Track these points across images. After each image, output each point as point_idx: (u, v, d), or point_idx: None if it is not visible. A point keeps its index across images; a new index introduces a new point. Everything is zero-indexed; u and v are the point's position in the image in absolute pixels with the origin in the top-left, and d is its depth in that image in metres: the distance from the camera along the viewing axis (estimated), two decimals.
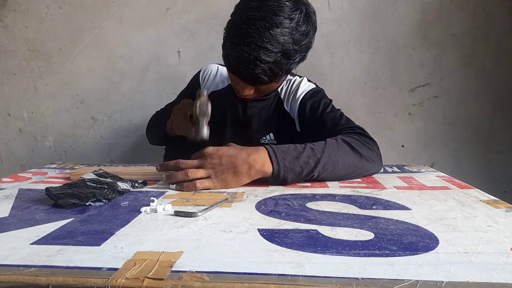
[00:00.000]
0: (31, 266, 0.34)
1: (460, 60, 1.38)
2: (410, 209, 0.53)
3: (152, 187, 0.68)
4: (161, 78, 1.48)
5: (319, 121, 0.88)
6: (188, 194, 0.62)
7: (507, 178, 1.43)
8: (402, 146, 1.47)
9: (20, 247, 0.39)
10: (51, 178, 0.77)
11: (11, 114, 1.60)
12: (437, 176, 0.75)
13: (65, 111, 1.57)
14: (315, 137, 0.77)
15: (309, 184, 0.69)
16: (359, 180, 0.72)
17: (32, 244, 0.40)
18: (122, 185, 0.64)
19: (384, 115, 1.45)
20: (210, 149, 0.67)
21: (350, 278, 0.31)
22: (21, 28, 1.51)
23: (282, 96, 0.97)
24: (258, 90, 0.82)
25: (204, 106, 0.74)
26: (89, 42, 1.50)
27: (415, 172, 0.80)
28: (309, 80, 1.00)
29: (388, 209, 0.53)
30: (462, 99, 1.41)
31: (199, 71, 1.08)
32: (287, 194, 0.61)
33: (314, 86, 0.98)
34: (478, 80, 1.38)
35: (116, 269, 0.33)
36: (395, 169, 0.83)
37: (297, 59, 0.77)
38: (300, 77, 1.01)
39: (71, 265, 0.34)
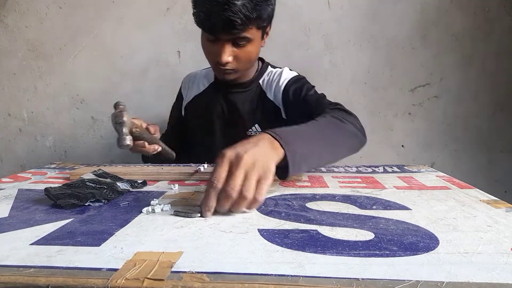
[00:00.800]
0: (30, 267, 0.34)
1: (460, 60, 1.38)
2: (410, 209, 0.52)
3: (152, 187, 0.68)
4: (161, 78, 1.48)
5: (303, 104, 0.90)
6: (188, 194, 0.62)
7: (507, 178, 1.43)
8: (402, 146, 1.47)
9: (20, 248, 0.39)
10: (50, 178, 0.77)
11: (11, 114, 1.60)
12: (437, 176, 0.75)
13: (65, 111, 1.57)
14: (299, 118, 0.76)
15: (309, 184, 0.69)
16: (359, 180, 0.72)
17: (31, 244, 0.40)
18: (122, 185, 0.64)
19: (384, 115, 1.45)
20: (229, 152, 0.54)
21: (350, 278, 0.31)
22: (21, 28, 1.51)
23: (264, 87, 1.00)
24: (236, 57, 0.84)
25: (119, 116, 0.72)
26: (89, 42, 1.50)
27: (415, 172, 0.80)
28: (290, 69, 1.03)
29: (388, 209, 0.52)
30: (462, 99, 1.41)
31: (181, 86, 1.14)
32: (287, 194, 0.61)
33: (296, 74, 1.01)
34: (478, 80, 1.38)
35: (116, 270, 0.33)
36: (395, 169, 0.83)
37: (264, 3, 0.79)
38: (280, 68, 1.04)
39: (71, 265, 0.34)
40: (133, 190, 0.66)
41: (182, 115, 1.10)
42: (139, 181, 0.68)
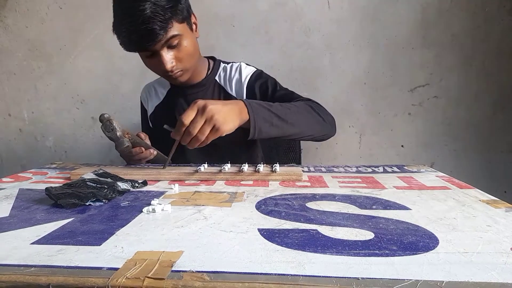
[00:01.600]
0: (31, 266, 0.34)
1: (460, 61, 1.38)
2: (410, 209, 0.53)
3: (152, 187, 0.68)
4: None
5: (275, 100, 0.91)
6: (188, 194, 0.62)
7: (507, 178, 1.43)
8: (402, 146, 1.47)
9: (21, 247, 0.39)
10: (51, 178, 0.77)
11: (12, 114, 1.60)
12: (436, 176, 0.75)
13: (65, 111, 1.57)
14: None
15: (309, 184, 0.69)
16: (359, 180, 0.72)
17: (32, 243, 0.40)
18: (122, 185, 0.65)
19: (384, 115, 1.45)
20: (200, 101, 0.69)
21: (350, 278, 0.32)
22: (21, 28, 1.52)
23: (222, 83, 1.01)
24: (177, 58, 0.86)
25: (108, 125, 0.80)
26: (89, 42, 1.50)
27: (415, 172, 0.80)
28: (247, 64, 1.05)
29: (388, 209, 0.53)
30: (462, 99, 1.41)
31: (140, 100, 1.15)
32: (287, 194, 0.61)
33: (255, 69, 1.03)
34: (478, 80, 1.38)
35: (116, 269, 0.33)
36: (395, 169, 0.83)
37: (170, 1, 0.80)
38: (235, 63, 1.05)
39: (72, 264, 0.34)
40: (134, 190, 0.66)
41: (150, 127, 1.12)
42: (140, 181, 0.69)
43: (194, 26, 0.92)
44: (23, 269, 0.33)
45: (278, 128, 0.77)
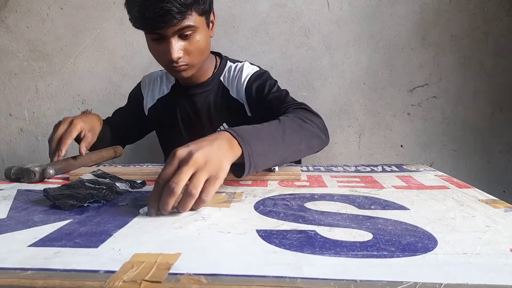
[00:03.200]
0: (27, 269, 0.34)
1: (459, 61, 1.38)
2: (408, 209, 0.52)
3: (151, 187, 0.68)
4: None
5: (266, 102, 0.88)
6: None
7: (506, 178, 1.43)
8: (401, 146, 1.47)
9: (17, 250, 0.39)
10: (50, 178, 0.77)
11: (12, 114, 1.60)
12: (435, 175, 0.75)
13: (66, 111, 1.57)
14: (264, 118, 0.74)
15: (307, 184, 0.69)
16: (357, 179, 0.72)
17: (29, 246, 0.40)
18: (121, 186, 0.64)
19: (383, 115, 1.45)
20: (180, 150, 0.53)
21: (348, 280, 0.31)
22: (22, 28, 1.52)
23: (226, 84, 0.97)
24: (186, 50, 0.81)
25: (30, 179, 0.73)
26: (90, 42, 1.50)
27: (414, 171, 0.79)
28: (251, 64, 1.01)
29: (386, 209, 0.52)
30: (461, 100, 1.41)
31: (139, 83, 1.10)
32: (285, 194, 0.61)
33: (258, 69, 0.99)
34: (477, 80, 1.38)
35: (113, 272, 0.33)
36: (394, 168, 0.83)
37: None
38: (240, 62, 1.01)
39: (68, 267, 0.34)
40: (132, 190, 0.66)
41: (145, 115, 1.08)
42: (138, 181, 0.68)
43: (211, 25, 0.89)
44: (19, 273, 0.33)
45: (273, 158, 0.66)
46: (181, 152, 0.52)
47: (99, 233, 0.44)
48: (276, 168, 0.74)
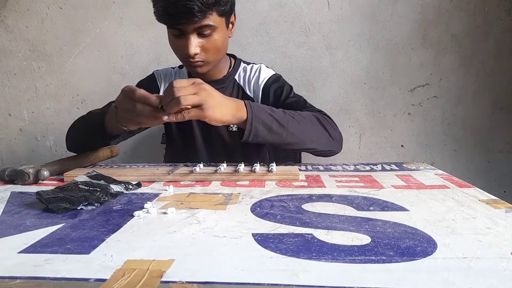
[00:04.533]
0: (16, 278, 0.33)
1: (460, 61, 1.37)
2: (408, 210, 0.52)
3: (147, 189, 0.67)
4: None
5: (283, 106, 0.90)
6: (183, 196, 0.61)
7: (506, 178, 1.42)
8: (402, 146, 1.46)
9: (7, 257, 0.38)
10: (44, 180, 0.76)
11: (12, 114, 1.60)
12: (435, 174, 0.74)
13: (65, 111, 1.57)
14: None
15: (306, 184, 0.68)
16: (356, 179, 0.71)
17: (19, 252, 0.39)
18: (115, 188, 0.63)
19: (384, 115, 1.44)
20: (200, 81, 0.67)
21: (345, 287, 0.30)
22: (21, 28, 1.51)
23: (241, 83, 1.00)
24: (204, 47, 0.84)
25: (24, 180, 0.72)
26: (89, 42, 1.49)
27: (414, 170, 0.79)
28: (267, 67, 1.03)
29: (385, 210, 0.51)
30: (461, 99, 1.40)
31: (151, 75, 1.08)
32: (283, 195, 0.60)
33: (274, 72, 1.02)
34: (477, 80, 1.38)
35: (104, 280, 0.32)
36: (393, 166, 0.82)
37: None
38: (256, 64, 1.03)
39: (58, 276, 0.33)
40: (127, 192, 0.65)
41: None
42: (133, 183, 0.67)
43: (230, 25, 0.91)
44: (8, 281, 0.32)
45: (276, 135, 0.75)
46: (199, 80, 0.67)
47: (92, 238, 0.43)
48: (274, 168, 0.73)
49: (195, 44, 0.82)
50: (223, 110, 0.69)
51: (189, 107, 0.65)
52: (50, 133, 1.60)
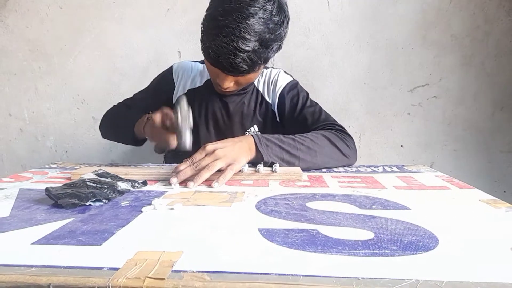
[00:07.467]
0: (31, 266, 0.34)
1: (460, 61, 1.38)
2: (409, 209, 0.53)
3: (153, 187, 0.68)
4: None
5: (299, 116, 0.93)
6: (189, 194, 0.62)
7: (507, 178, 1.43)
8: (402, 146, 1.47)
9: (21, 247, 0.39)
10: (51, 178, 0.77)
11: (12, 114, 1.60)
12: (436, 176, 0.75)
13: (65, 111, 1.57)
14: (295, 130, 0.86)
15: (309, 184, 0.69)
16: (358, 179, 0.72)
17: (32, 244, 0.40)
18: (122, 185, 0.65)
19: (384, 115, 1.45)
20: (209, 145, 0.72)
21: (350, 277, 0.32)
22: (21, 28, 1.52)
23: (261, 89, 1.01)
24: (237, 82, 0.85)
25: (186, 115, 0.73)
26: (89, 42, 1.51)
27: (415, 172, 0.80)
28: (285, 72, 1.04)
29: (387, 209, 0.53)
30: (461, 99, 1.41)
31: (170, 68, 1.07)
32: (287, 194, 0.61)
33: (292, 79, 1.02)
34: (477, 80, 1.39)
35: (117, 269, 0.33)
36: (395, 168, 0.84)
37: (274, 48, 0.80)
38: (275, 69, 1.04)
39: (72, 264, 0.34)
40: (134, 190, 0.66)
41: (172, 102, 1.04)
42: (140, 181, 0.69)
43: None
44: (24, 269, 0.33)
45: (288, 164, 0.78)
46: (209, 147, 0.71)
47: (102, 231, 0.44)
48: (277, 169, 0.74)
49: (229, 80, 0.82)
50: (242, 153, 0.73)
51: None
52: (50, 133, 1.61)
